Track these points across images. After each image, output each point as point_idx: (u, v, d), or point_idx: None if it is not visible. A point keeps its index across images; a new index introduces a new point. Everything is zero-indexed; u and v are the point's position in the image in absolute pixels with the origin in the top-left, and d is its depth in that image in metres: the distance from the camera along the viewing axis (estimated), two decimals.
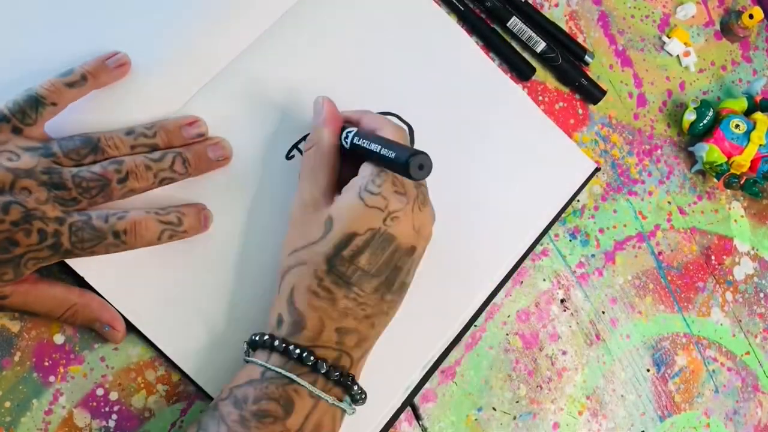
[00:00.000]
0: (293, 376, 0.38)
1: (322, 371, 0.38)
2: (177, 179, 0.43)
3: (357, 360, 0.41)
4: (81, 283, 0.42)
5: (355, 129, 0.43)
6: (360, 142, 0.41)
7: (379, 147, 0.39)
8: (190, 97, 0.45)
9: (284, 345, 0.38)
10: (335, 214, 0.40)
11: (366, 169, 0.41)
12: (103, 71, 0.42)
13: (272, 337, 0.39)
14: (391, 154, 0.38)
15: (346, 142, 0.43)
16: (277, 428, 0.37)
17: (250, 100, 0.47)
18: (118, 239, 0.40)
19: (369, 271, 0.39)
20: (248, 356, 0.40)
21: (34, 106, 0.40)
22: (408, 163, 0.36)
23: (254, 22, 0.48)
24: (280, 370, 0.38)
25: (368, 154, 0.41)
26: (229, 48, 0.47)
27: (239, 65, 0.47)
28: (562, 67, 0.55)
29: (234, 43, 0.47)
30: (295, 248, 0.40)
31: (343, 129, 0.44)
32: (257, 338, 0.40)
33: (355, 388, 0.40)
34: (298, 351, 0.38)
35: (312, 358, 0.38)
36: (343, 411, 0.40)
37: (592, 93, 0.56)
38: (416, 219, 0.41)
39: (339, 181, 0.43)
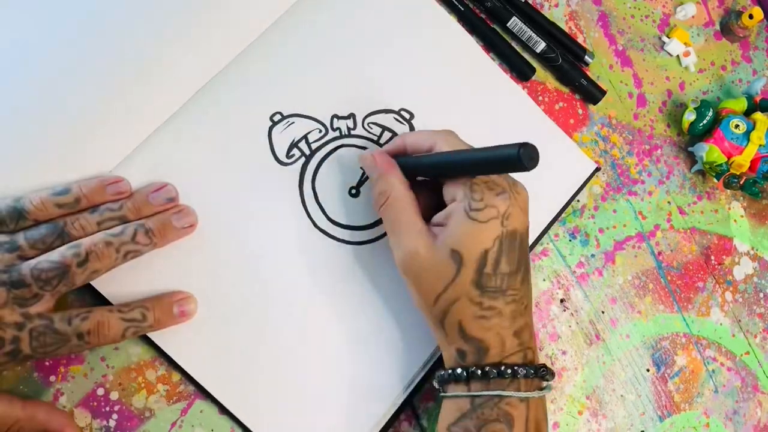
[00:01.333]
0: (501, 392, 0.39)
1: (521, 375, 0.39)
2: (143, 251, 0.41)
3: (535, 347, 0.42)
4: None
5: (413, 158, 0.43)
6: (433, 174, 0.42)
7: (469, 161, 0.40)
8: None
9: (480, 370, 0.39)
10: (457, 245, 0.40)
11: (455, 192, 0.41)
12: (100, 196, 0.41)
13: (464, 368, 0.40)
14: (495, 159, 0.38)
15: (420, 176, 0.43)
16: None
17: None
18: (81, 340, 0.39)
19: (512, 270, 0.40)
20: (445, 392, 0.41)
21: (15, 219, 0.39)
22: (520, 158, 0.36)
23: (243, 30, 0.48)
24: (487, 393, 0.39)
25: (452, 173, 0.41)
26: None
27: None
28: (562, 67, 0.55)
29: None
30: (438, 293, 0.40)
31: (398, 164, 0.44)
32: (447, 375, 0.40)
33: (545, 371, 0.41)
34: (495, 370, 0.39)
35: (508, 370, 0.39)
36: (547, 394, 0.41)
37: (592, 93, 0.56)
38: (521, 202, 0.42)
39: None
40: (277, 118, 0.47)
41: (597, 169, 0.55)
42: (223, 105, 0.46)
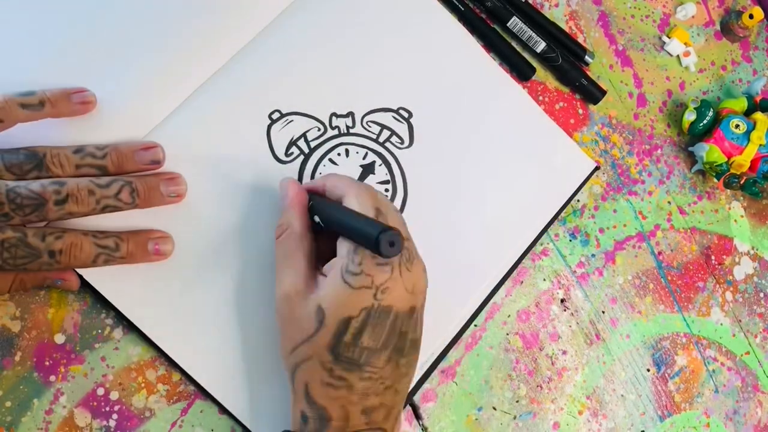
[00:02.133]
0: None
1: None
2: (122, 209, 0.41)
3: (392, 428, 0.40)
4: (83, 280, 0.42)
5: (320, 202, 0.42)
6: (325, 223, 0.40)
7: (346, 225, 0.38)
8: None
9: None
10: (324, 303, 0.38)
11: (342, 247, 0.39)
12: (64, 103, 0.41)
13: None
14: (360, 234, 0.37)
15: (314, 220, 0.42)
16: None
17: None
18: (52, 258, 0.39)
19: (375, 347, 0.38)
20: None
21: None
22: (378, 242, 0.35)
23: (245, 26, 0.48)
24: None
25: (338, 229, 0.40)
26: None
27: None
28: (562, 67, 0.55)
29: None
30: (295, 345, 0.39)
31: (310, 201, 0.42)
32: None
33: None
34: None
35: None
36: None
37: (592, 93, 0.56)
38: (407, 281, 0.39)
39: (317, 259, 0.41)
40: (275, 116, 0.47)
41: (597, 168, 0.55)
42: (221, 103, 0.46)
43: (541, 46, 0.55)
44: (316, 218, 0.42)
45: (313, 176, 0.48)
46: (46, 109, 0.40)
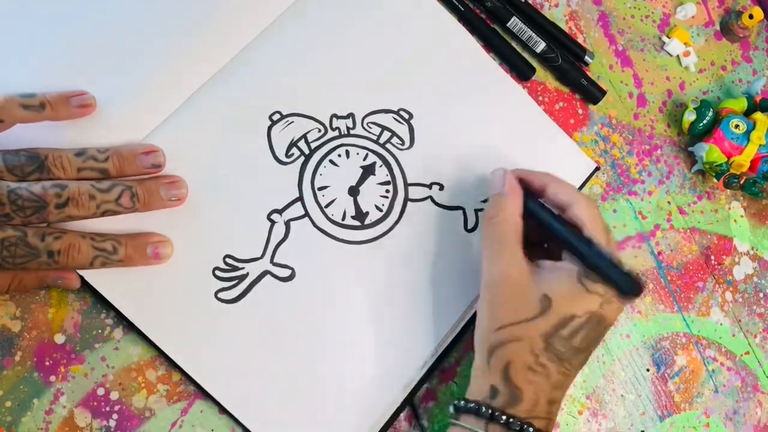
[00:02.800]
0: None
1: None
2: (121, 213, 0.41)
3: (554, 421, 0.42)
4: (83, 280, 0.42)
5: (546, 209, 0.44)
6: (567, 245, 0.43)
7: (587, 256, 0.41)
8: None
9: (504, 417, 0.39)
10: (553, 294, 0.41)
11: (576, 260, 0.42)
12: (64, 106, 0.41)
13: (489, 407, 0.40)
14: (607, 272, 0.40)
15: (537, 221, 0.43)
16: None
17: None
18: (51, 258, 0.39)
19: (582, 348, 0.41)
20: (457, 419, 0.41)
21: None
22: (625, 291, 0.39)
23: (247, 27, 0.48)
24: None
25: (568, 249, 0.42)
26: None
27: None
28: (562, 67, 0.55)
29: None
30: (504, 323, 0.41)
31: (527, 198, 0.44)
32: (470, 405, 0.40)
33: None
34: (519, 424, 0.39)
35: (531, 430, 0.39)
36: None
37: (592, 93, 0.56)
38: (619, 303, 0.42)
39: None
40: (276, 117, 0.48)
41: (597, 169, 0.55)
42: (222, 104, 0.46)
43: (540, 46, 0.55)
44: (535, 219, 0.43)
45: (313, 177, 0.48)
46: (46, 112, 0.40)
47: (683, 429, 0.56)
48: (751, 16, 0.60)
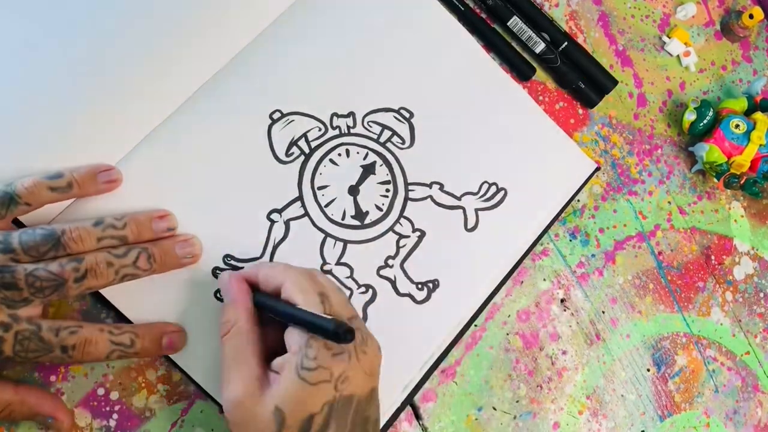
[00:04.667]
0: None
1: None
2: (140, 275, 0.41)
3: None
4: None
5: (263, 295, 0.41)
6: (275, 316, 0.40)
7: (298, 318, 0.38)
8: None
9: None
10: (281, 403, 0.37)
11: (293, 342, 0.38)
12: (91, 184, 0.41)
13: None
14: (316, 326, 0.37)
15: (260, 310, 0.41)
16: None
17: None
18: (64, 353, 0.38)
19: None
20: None
21: (6, 204, 0.38)
22: (338, 334, 0.35)
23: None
24: None
25: (288, 321, 0.39)
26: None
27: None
28: (560, 69, 0.55)
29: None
30: None
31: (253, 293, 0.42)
32: None
33: None
34: None
35: None
36: None
37: (588, 96, 0.56)
38: (364, 364, 0.39)
39: (265, 353, 0.40)
40: (276, 116, 0.47)
41: (597, 169, 0.55)
42: (222, 103, 0.46)
43: (540, 46, 0.55)
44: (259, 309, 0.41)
45: (313, 177, 0.48)
46: (73, 191, 0.40)
47: (684, 429, 0.56)
48: (751, 16, 0.60)
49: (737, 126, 0.56)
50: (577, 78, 0.55)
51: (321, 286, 0.40)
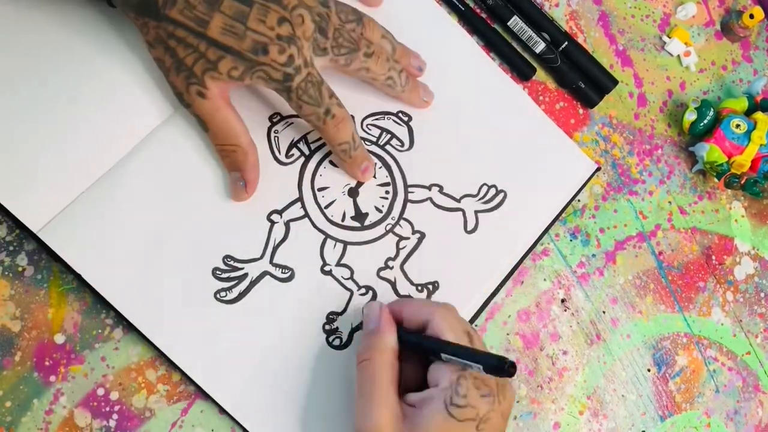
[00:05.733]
0: None
1: None
2: (393, 87, 0.47)
3: None
4: (82, 280, 0.42)
5: (410, 331, 0.41)
6: (441, 356, 0.39)
7: (455, 353, 0.38)
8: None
9: None
10: None
11: (443, 376, 0.39)
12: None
13: None
14: (477, 360, 0.37)
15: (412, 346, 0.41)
16: None
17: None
18: (327, 115, 0.43)
19: None
20: None
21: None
22: (502, 368, 0.35)
23: None
24: None
25: (434, 353, 0.39)
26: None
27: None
28: (560, 69, 0.55)
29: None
30: None
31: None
32: None
33: None
34: None
35: None
36: None
37: (588, 96, 0.56)
38: (504, 408, 0.39)
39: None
40: (276, 118, 0.48)
41: (597, 169, 0.55)
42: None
43: (540, 46, 0.55)
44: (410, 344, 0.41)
45: (313, 178, 0.48)
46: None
47: (684, 429, 0.56)
48: (751, 16, 0.60)
49: (738, 126, 0.56)
50: (577, 78, 0.55)
51: (466, 323, 0.41)
